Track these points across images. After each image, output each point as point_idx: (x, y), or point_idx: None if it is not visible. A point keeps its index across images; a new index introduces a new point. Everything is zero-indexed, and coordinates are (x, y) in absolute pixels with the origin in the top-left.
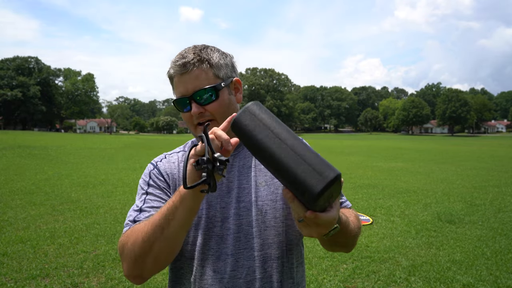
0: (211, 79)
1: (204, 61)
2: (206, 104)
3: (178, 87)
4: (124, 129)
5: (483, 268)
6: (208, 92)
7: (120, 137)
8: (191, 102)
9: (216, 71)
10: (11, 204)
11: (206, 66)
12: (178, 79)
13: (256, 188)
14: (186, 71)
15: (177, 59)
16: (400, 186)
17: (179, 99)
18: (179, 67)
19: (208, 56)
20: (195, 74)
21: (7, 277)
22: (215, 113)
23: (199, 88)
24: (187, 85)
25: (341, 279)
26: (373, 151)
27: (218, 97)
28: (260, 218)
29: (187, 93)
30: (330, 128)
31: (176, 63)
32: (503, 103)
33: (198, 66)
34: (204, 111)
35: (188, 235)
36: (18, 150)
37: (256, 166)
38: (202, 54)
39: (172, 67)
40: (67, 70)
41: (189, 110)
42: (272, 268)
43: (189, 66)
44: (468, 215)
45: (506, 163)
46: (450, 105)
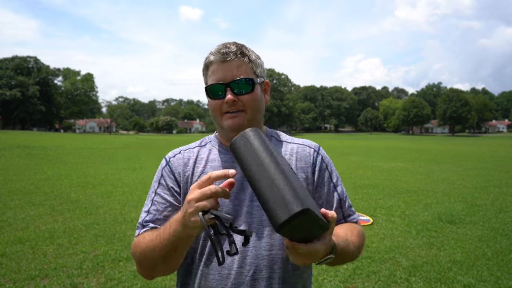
0: (249, 72)
1: (245, 55)
2: (241, 94)
3: (216, 73)
4: (123, 129)
5: (484, 269)
6: (245, 82)
7: (119, 137)
8: (226, 89)
9: (254, 67)
10: (10, 204)
11: (247, 60)
12: (217, 66)
13: None
14: (228, 59)
15: (221, 47)
16: (400, 186)
17: (215, 84)
18: (222, 55)
19: (248, 53)
20: (236, 64)
21: (6, 277)
22: (247, 104)
23: (237, 77)
24: (226, 73)
25: (341, 279)
26: (373, 151)
27: (253, 90)
28: None
29: (225, 80)
30: (330, 128)
31: (220, 51)
32: (504, 103)
33: (240, 57)
34: (237, 101)
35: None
36: (17, 150)
37: None
38: (243, 49)
39: (214, 54)
40: (67, 70)
41: (222, 97)
42: (280, 269)
43: (232, 55)
44: (469, 215)
45: (507, 163)
46: (450, 105)
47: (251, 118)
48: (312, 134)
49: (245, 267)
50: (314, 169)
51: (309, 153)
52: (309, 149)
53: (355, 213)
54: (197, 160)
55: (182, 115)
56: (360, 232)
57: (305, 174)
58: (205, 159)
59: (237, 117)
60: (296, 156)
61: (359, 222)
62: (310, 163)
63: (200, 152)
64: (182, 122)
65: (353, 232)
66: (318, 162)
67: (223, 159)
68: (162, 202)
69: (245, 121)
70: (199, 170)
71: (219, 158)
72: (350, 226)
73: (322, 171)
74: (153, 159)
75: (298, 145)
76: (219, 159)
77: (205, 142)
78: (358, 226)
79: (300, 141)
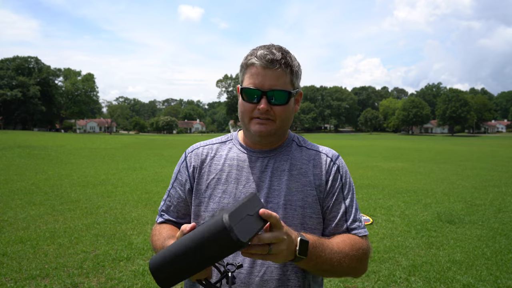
0: (288, 84)
1: (288, 65)
2: (275, 105)
3: (255, 78)
4: (124, 129)
5: (483, 268)
6: (281, 94)
7: (120, 137)
8: (262, 96)
9: (294, 79)
10: (11, 204)
11: (288, 71)
12: (258, 71)
13: (287, 192)
14: (272, 67)
15: (267, 53)
16: (400, 186)
17: (252, 89)
18: (266, 61)
19: (292, 62)
20: (278, 73)
21: (7, 277)
22: (278, 115)
23: (276, 88)
24: (265, 80)
25: (341, 279)
26: (373, 151)
27: (287, 102)
28: (288, 222)
29: (263, 88)
30: (330, 128)
31: (266, 57)
32: (503, 103)
33: (284, 68)
34: (270, 110)
35: None
36: (18, 150)
37: (290, 171)
38: (288, 58)
39: (259, 58)
40: (67, 70)
41: (255, 103)
42: (292, 272)
43: (276, 64)
44: (468, 215)
45: (506, 163)
46: (450, 105)
47: (279, 128)
48: (312, 134)
49: (255, 267)
50: (328, 178)
51: (325, 161)
52: (325, 157)
53: (362, 228)
54: (215, 157)
55: (182, 115)
56: (356, 245)
57: (319, 180)
58: (224, 157)
59: (265, 124)
60: (313, 163)
61: (365, 238)
62: (325, 171)
63: (219, 149)
64: (182, 122)
65: (346, 242)
66: (332, 172)
67: (241, 159)
68: (176, 196)
69: (273, 130)
70: (218, 168)
71: (238, 157)
72: (346, 237)
73: (335, 181)
74: (153, 159)
75: (317, 152)
76: (238, 157)
77: (227, 139)
78: (359, 239)
79: (320, 149)
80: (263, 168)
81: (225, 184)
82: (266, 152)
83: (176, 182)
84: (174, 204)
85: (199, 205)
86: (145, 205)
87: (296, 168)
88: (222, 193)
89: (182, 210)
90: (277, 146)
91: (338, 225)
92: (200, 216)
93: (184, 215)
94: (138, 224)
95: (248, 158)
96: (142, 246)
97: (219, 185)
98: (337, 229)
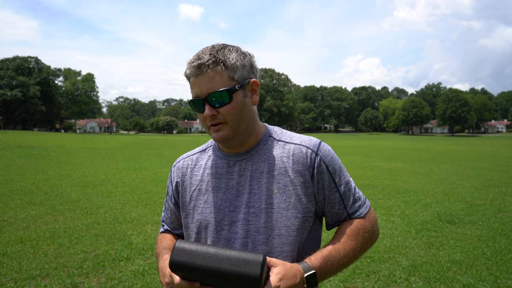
0: (225, 81)
1: (220, 62)
2: (219, 107)
3: (193, 88)
4: (124, 129)
5: (483, 268)
6: (221, 95)
7: (120, 137)
8: (204, 104)
9: (231, 73)
10: (11, 204)
11: (221, 68)
12: (193, 80)
13: (267, 195)
14: (200, 72)
15: (193, 60)
16: (400, 186)
17: (194, 100)
18: (194, 68)
19: (224, 58)
20: (209, 76)
21: (7, 277)
22: (227, 116)
23: (212, 91)
24: (201, 87)
25: (341, 279)
26: (373, 151)
27: (232, 100)
28: (270, 225)
29: (201, 95)
30: (330, 128)
31: (192, 64)
32: (503, 103)
33: (213, 68)
34: (217, 114)
35: (200, 237)
36: (18, 150)
37: (269, 172)
38: (219, 55)
39: (188, 68)
40: (67, 70)
41: (203, 111)
42: None
43: (203, 68)
44: (468, 215)
45: (506, 163)
46: (450, 105)
47: (237, 128)
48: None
49: None
50: (313, 173)
51: (306, 155)
52: (306, 149)
53: (363, 205)
54: (195, 168)
55: (182, 115)
56: (361, 231)
57: (303, 177)
58: (203, 167)
59: (220, 130)
60: (292, 159)
61: (368, 214)
62: (307, 166)
63: (199, 159)
64: (183, 122)
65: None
66: (316, 164)
67: (219, 165)
68: (169, 209)
69: (229, 133)
70: (197, 179)
71: (216, 164)
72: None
73: (321, 173)
74: (153, 159)
75: (296, 145)
76: (216, 165)
77: (207, 146)
78: (362, 222)
79: (298, 141)
80: (241, 172)
81: (206, 194)
82: (243, 155)
83: (167, 195)
84: (169, 216)
85: (186, 217)
86: (145, 205)
87: (275, 168)
88: (204, 203)
89: (176, 222)
90: (254, 146)
91: (338, 214)
92: (189, 228)
93: (179, 226)
94: (138, 224)
95: (227, 163)
96: (142, 246)
97: (201, 196)
98: (338, 218)
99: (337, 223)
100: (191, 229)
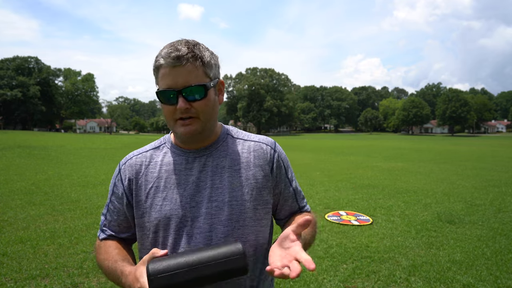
0: (201, 76)
1: (198, 58)
2: (193, 101)
3: (166, 79)
4: (124, 129)
5: (483, 268)
6: (197, 89)
7: (120, 137)
8: (178, 96)
9: (207, 70)
10: (11, 204)
11: (199, 63)
12: (167, 71)
13: (230, 188)
14: (179, 64)
15: (171, 50)
16: (400, 186)
17: (166, 91)
18: (172, 59)
19: (201, 54)
20: (187, 69)
21: (7, 277)
22: (200, 111)
23: (189, 84)
24: (177, 79)
25: (341, 279)
26: (373, 151)
27: (206, 96)
28: (234, 217)
29: (176, 87)
30: (330, 128)
31: (170, 55)
32: (503, 103)
33: (192, 61)
34: (190, 108)
35: (158, 235)
36: (18, 150)
37: (232, 167)
38: (196, 51)
39: (164, 58)
40: (67, 70)
41: (174, 103)
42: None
43: (183, 60)
44: (468, 215)
45: (506, 163)
46: (450, 105)
47: (205, 123)
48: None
49: None
50: (272, 166)
51: (266, 151)
52: (265, 146)
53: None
54: (150, 165)
55: None
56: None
57: (264, 171)
58: (159, 163)
59: (190, 124)
60: (253, 154)
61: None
62: (267, 160)
63: (153, 156)
64: None
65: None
66: (275, 160)
67: (177, 162)
68: (115, 211)
69: (199, 127)
70: (154, 176)
71: (174, 160)
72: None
73: (279, 168)
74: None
75: (255, 142)
76: (174, 161)
77: (160, 143)
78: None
79: (256, 138)
80: (201, 167)
81: (164, 191)
82: (202, 151)
83: (113, 196)
84: (115, 218)
85: (142, 217)
86: None
87: (237, 162)
88: (162, 200)
89: (124, 223)
90: (212, 142)
91: (291, 207)
92: (145, 227)
93: (126, 228)
94: None
95: (185, 160)
96: None
97: (158, 193)
98: (291, 210)
99: (289, 216)
100: (147, 228)
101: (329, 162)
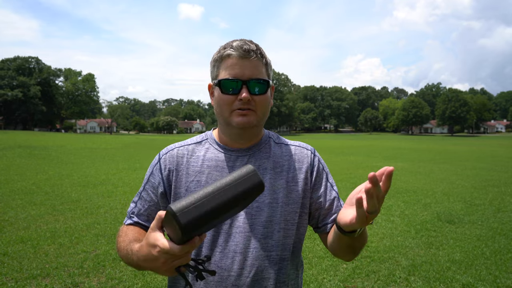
0: (264, 74)
1: (263, 56)
2: (255, 94)
3: (234, 69)
4: (124, 129)
5: (482, 268)
6: (261, 84)
7: (120, 137)
8: (242, 86)
9: (268, 70)
10: (12, 204)
11: (264, 62)
12: (235, 61)
13: (272, 190)
14: (249, 57)
15: (242, 43)
16: (400, 186)
17: (231, 79)
18: (243, 51)
19: (265, 54)
20: (255, 63)
21: (8, 276)
22: (259, 105)
23: (256, 77)
24: (245, 70)
25: (341, 278)
26: (373, 151)
27: (266, 92)
28: (273, 219)
29: (243, 77)
30: (330, 128)
31: (242, 47)
32: (502, 103)
33: (259, 58)
34: (251, 100)
35: None
36: (18, 150)
37: (273, 169)
38: (261, 50)
39: (235, 49)
40: (68, 70)
41: (235, 93)
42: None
43: (253, 54)
44: (468, 215)
45: (506, 163)
46: (449, 105)
47: (260, 118)
48: (312, 134)
49: (246, 268)
50: (312, 170)
51: (306, 155)
52: (306, 151)
53: None
54: (192, 158)
55: (182, 115)
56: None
57: (304, 174)
58: (201, 158)
59: (247, 115)
60: (295, 158)
61: None
62: (308, 164)
63: (195, 150)
64: (183, 122)
65: None
66: (316, 163)
67: (219, 158)
68: (147, 200)
69: (255, 121)
70: (196, 170)
71: (216, 157)
72: None
73: (320, 172)
74: (153, 159)
75: (296, 147)
76: (216, 158)
77: (202, 138)
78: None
79: (297, 143)
80: None
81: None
82: (244, 151)
83: (148, 184)
84: (145, 208)
85: None
86: None
87: (278, 165)
88: None
89: (154, 214)
90: (255, 143)
91: (336, 210)
92: None
93: None
94: None
95: (227, 157)
96: None
97: (199, 187)
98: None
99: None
100: None
101: (329, 162)
